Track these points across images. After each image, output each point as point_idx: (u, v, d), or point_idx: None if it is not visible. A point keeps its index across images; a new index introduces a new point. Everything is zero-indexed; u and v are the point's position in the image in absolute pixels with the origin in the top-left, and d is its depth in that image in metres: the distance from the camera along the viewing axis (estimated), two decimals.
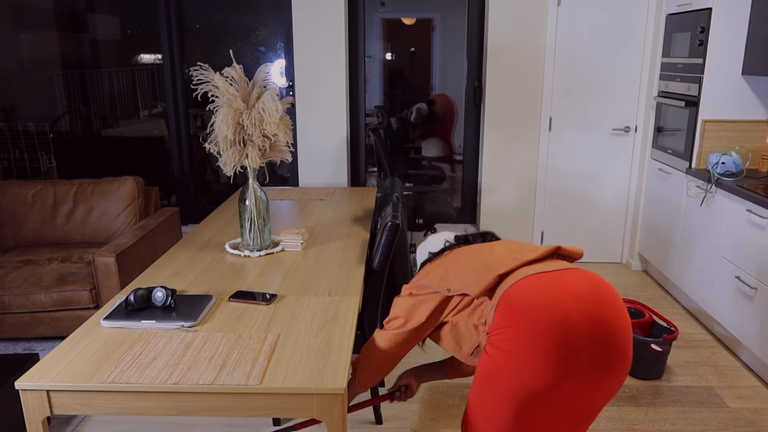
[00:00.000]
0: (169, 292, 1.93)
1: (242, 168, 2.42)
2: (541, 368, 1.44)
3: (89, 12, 4.54)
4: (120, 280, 3.15)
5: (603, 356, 1.46)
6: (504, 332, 1.49)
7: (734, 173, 3.41)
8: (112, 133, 4.78)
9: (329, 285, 2.17)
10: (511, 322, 1.48)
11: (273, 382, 1.54)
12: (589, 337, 1.44)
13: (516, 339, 1.47)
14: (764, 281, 2.89)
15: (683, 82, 3.74)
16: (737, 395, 2.86)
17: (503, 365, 1.49)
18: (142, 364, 1.62)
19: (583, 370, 1.45)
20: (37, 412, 1.58)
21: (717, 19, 3.42)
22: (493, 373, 1.51)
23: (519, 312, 1.48)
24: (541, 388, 1.45)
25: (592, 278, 1.54)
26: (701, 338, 3.43)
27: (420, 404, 2.77)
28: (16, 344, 3.36)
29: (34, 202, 3.71)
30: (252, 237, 2.48)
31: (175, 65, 4.45)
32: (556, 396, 1.47)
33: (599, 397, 1.52)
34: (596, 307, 1.47)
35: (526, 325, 1.46)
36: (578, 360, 1.44)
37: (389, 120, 4.90)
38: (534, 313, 1.46)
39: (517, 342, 1.46)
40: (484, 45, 4.34)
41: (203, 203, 4.86)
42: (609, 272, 4.41)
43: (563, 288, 1.49)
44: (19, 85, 4.64)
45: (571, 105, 4.32)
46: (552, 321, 1.44)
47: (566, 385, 1.45)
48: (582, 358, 1.44)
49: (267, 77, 2.38)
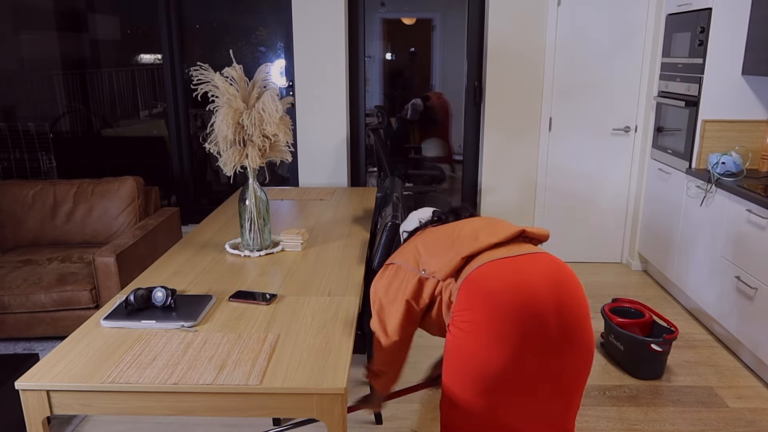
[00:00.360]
0: (169, 292, 1.93)
1: (242, 168, 2.42)
2: (500, 350, 1.53)
3: (89, 12, 4.54)
4: (120, 280, 3.15)
5: (562, 337, 1.55)
6: (465, 314, 1.57)
7: (734, 173, 3.41)
8: (112, 133, 4.78)
9: (329, 285, 2.17)
10: (472, 305, 1.56)
11: (273, 382, 1.54)
12: (548, 319, 1.53)
13: (476, 321, 1.55)
14: (764, 281, 2.89)
15: (683, 82, 3.74)
16: (737, 395, 2.86)
17: (465, 345, 1.57)
18: (142, 364, 1.62)
19: (543, 350, 1.54)
20: (37, 412, 1.58)
21: (717, 19, 3.42)
22: (457, 352, 1.60)
23: (480, 296, 1.55)
24: (502, 366, 1.54)
25: (553, 263, 1.61)
26: (701, 338, 3.43)
27: (420, 404, 2.77)
28: (16, 344, 3.36)
29: (34, 202, 3.72)
30: (252, 237, 2.48)
31: (175, 65, 4.46)
32: (520, 373, 1.55)
33: (568, 374, 1.60)
34: (556, 291, 1.55)
35: (487, 309, 1.53)
36: (537, 340, 1.53)
37: (389, 120, 4.90)
38: (494, 297, 1.53)
39: (478, 324, 1.54)
40: (484, 45, 4.34)
41: (203, 203, 4.86)
42: (609, 272, 4.41)
43: (525, 273, 1.56)
44: (19, 85, 4.64)
45: (571, 105, 4.32)
46: (511, 306, 1.52)
47: (527, 364, 1.54)
48: (541, 339, 1.53)
49: (267, 77, 2.39)
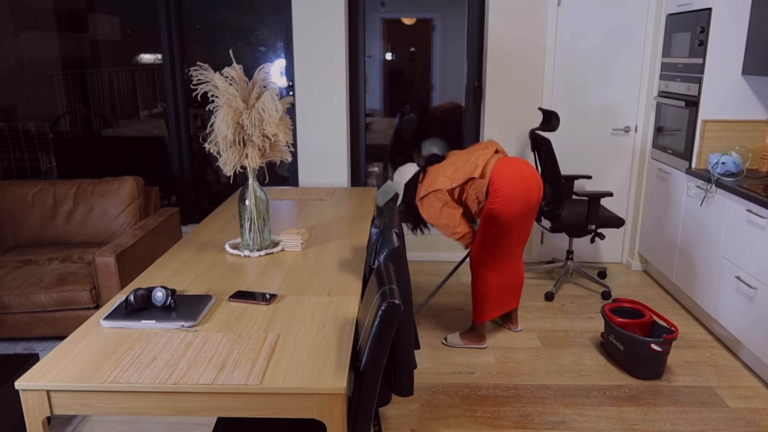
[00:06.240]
0: (169, 292, 1.93)
1: (242, 168, 2.42)
2: (516, 206, 3.00)
3: (89, 12, 4.54)
4: (120, 280, 3.15)
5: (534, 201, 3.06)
6: (497, 194, 3.00)
7: (734, 173, 3.41)
8: (112, 133, 4.78)
9: (329, 285, 2.17)
10: (498, 187, 2.99)
11: (273, 382, 1.54)
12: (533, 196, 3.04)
13: (504, 194, 2.98)
14: (764, 281, 2.89)
15: (683, 82, 3.74)
16: (737, 395, 2.86)
17: (498, 208, 3.00)
18: (142, 364, 1.62)
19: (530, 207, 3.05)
20: (37, 412, 1.58)
21: (717, 19, 3.42)
22: (494, 212, 3.01)
23: (501, 181, 2.99)
24: (517, 214, 3.02)
25: (524, 162, 3.09)
26: (701, 338, 3.43)
27: (420, 404, 2.77)
28: (16, 344, 3.36)
29: (34, 202, 3.72)
30: (252, 237, 2.48)
31: (175, 65, 4.46)
32: (522, 220, 3.06)
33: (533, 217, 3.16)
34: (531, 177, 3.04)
35: (507, 187, 2.98)
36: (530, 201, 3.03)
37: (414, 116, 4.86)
38: (510, 180, 2.99)
39: (505, 196, 2.99)
40: (484, 45, 4.34)
41: (203, 203, 4.86)
42: (609, 272, 4.41)
43: (519, 167, 3.04)
44: (19, 85, 4.64)
45: (571, 105, 4.32)
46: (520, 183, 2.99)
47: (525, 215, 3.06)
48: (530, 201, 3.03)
49: (267, 77, 2.39)
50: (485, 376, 3.01)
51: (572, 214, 3.87)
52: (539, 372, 3.05)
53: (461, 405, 2.77)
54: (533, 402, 2.79)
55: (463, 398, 2.82)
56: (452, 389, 2.90)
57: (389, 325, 1.55)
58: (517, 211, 3.00)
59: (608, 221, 3.84)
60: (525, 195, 2.99)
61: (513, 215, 3.00)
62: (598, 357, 3.21)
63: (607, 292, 3.95)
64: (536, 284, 4.20)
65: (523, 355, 3.23)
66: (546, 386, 2.93)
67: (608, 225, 3.84)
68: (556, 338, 3.41)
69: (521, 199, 2.98)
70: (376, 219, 2.40)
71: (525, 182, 3.00)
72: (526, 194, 3.00)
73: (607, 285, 4.05)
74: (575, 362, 3.15)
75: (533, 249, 4.62)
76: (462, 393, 2.86)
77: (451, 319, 3.66)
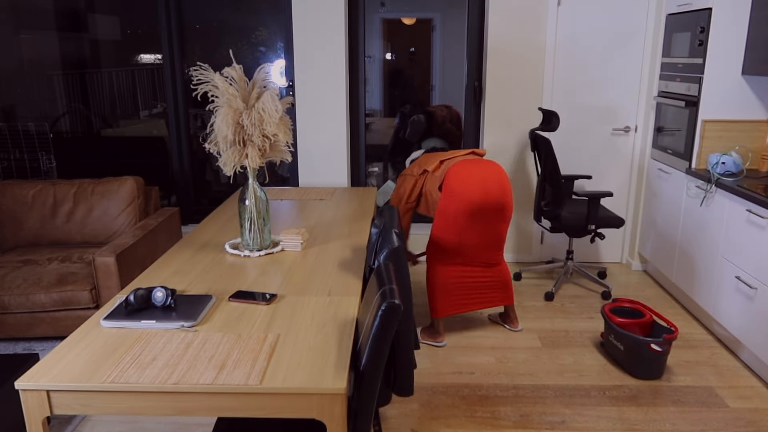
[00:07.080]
0: (169, 292, 1.93)
1: (242, 168, 2.42)
2: (467, 201, 3.07)
3: (89, 12, 4.54)
4: (120, 280, 3.15)
5: (491, 206, 3.11)
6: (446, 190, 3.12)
7: (734, 173, 3.41)
8: (112, 133, 4.78)
9: (329, 285, 2.17)
10: (448, 183, 3.12)
11: (273, 382, 1.54)
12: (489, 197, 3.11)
13: (451, 190, 3.10)
14: (764, 281, 2.89)
15: (683, 82, 3.74)
16: (737, 395, 2.86)
17: (445, 203, 3.13)
18: (142, 364, 1.62)
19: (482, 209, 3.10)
20: (37, 412, 1.58)
21: (717, 19, 3.42)
22: (447, 206, 3.13)
23: (452, 179, 3.11)
24: (464, 213, 3.09)
25: (493, 167, 3.16)
26: (701, 338, 3.43)
27: (420, 404, 2.77)
28: (16, 344, 3.36)
29: (34, 202, 3.72)
30: (252, 237, 2.48)
31: (175, 65, 4.46)
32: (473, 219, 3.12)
33: (499, 221, 3.19)
34: (491, 182, 3.11)
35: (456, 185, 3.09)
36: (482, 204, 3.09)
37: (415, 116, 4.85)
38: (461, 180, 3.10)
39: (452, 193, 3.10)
40: (484, 45, 4.34)
41: (203, 203, 4.86)
42: (609, 272, 4.41)
43: (479, 169, 3.13)
44: (19, 85, 4.64)
45: (571, 105, 4.32)
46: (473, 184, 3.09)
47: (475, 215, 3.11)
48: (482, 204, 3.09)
49: (267, 77, 2.39)
50: (485, 376, 3.01)
51: (572, 214, 3.87)
52: (539, 372, 3.05)
53: (461, 405, 2.77)
54: (533, 402, 2.79)
55: (463, 398, 2.82)
56: (452, 389, 2.89)
57: (389, 325, 1.54)
58: (464, 210, 3.07)
59: (608, 221, 3.84)
60: (476, 197, 3.06)
61: (460, 212, 3.09)
62: (598, 357, 3.21)
63: (607, 292, 3.95)
64: (536, 284, 4.20)
65: (523, 355, 3.23)
66: (546, 386, 2.93)
67: (608, 225, 3.84)
68: (556, 338, 3.41)
69: (469, 200, 3.06)
70: (376, 219, 2.40)
71: (480, 185, 3.07)
72: (477, 196, 3.06)
73: (607, 285, 4.05)
74: (575, 362, 3.15)
75: (533, 249, 4.62)
76: (462, 393, 2.86)
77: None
